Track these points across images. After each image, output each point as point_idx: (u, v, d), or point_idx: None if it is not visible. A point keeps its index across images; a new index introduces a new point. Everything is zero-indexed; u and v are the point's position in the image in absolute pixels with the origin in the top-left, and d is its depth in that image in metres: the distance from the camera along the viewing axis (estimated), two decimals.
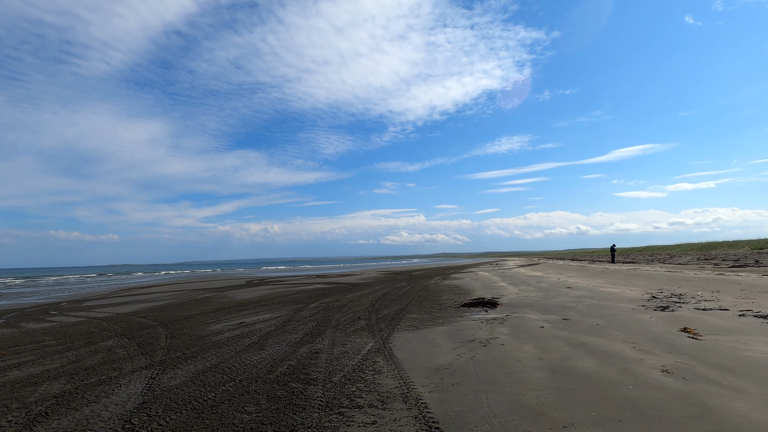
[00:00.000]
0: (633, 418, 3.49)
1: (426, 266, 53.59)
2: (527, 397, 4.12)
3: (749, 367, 4.64)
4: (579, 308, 9.92)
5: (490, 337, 7.03)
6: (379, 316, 10.01)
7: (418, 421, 3.66)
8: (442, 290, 16.63)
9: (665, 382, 4.37)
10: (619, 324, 7.60)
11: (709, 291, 11.30)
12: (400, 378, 4.94)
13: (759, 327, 6.65)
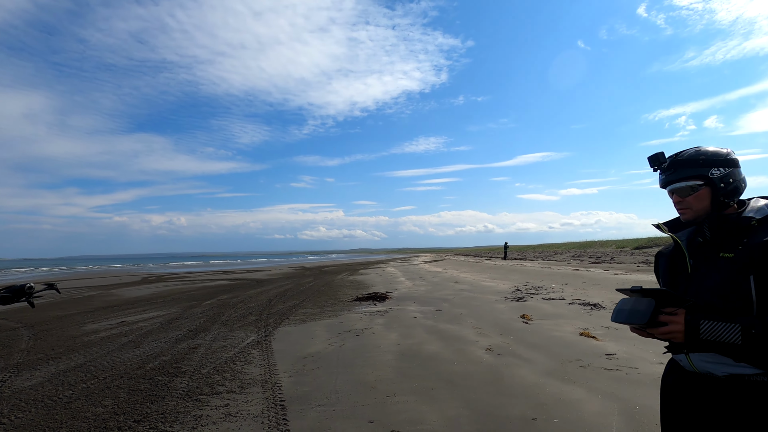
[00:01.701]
0: (443, 387, 4.37)
1: (340, 262, 54.19)
2: (370, 376, 4.84)
3: (548, 344, 5.90)
4: (454, 300, 11.21)
5: (365, 327, 7.78)
6: (272, 311, 10.31)
7: (268, 400, 4.17)
8: (344, 285, 17.29)
9: (483, 358, 5.41)
10: (478, 313, 8.85)
11: (559, 284, 13.43)
12: (267, 366, 5.40)
13: (578, 312, 8.27)
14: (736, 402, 1.36)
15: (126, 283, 22.25)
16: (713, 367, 1.41)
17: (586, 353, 5.34)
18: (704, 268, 1.46)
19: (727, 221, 1.45)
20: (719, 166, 1.49)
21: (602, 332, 6.42)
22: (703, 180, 1.49)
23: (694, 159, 1.51)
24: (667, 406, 1.60)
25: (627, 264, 20.40)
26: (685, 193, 1.52)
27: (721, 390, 1.39)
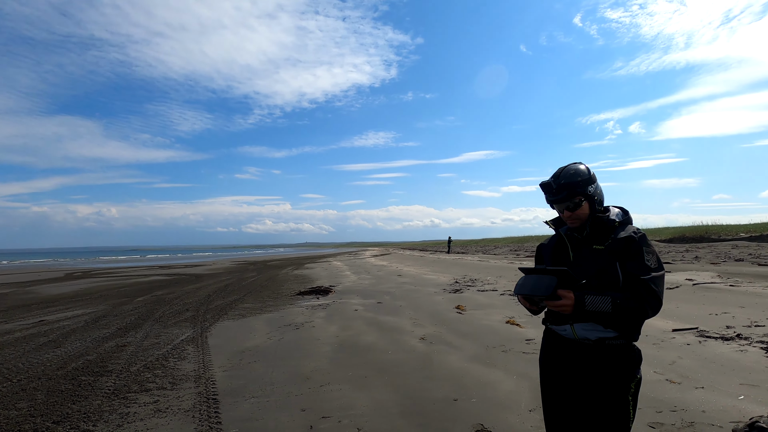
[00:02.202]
0: (375, 375, 4.59)
1: (286, 256, 53.23)
2: (306, 367, 4.96)
3: (476, 332, 6.34)
4: (396, 293, 11.55)
5: (306, 321, 7.85)
6: (211, 307, 10.04)
7: (200, 395, 4.15)
8: (288, 280, 17.12)
9: (417, 346, 5.71)
10: (416, 305, 9.23)
11: (495, 276, 14.27)
12: (202, 362, 5.33)
13: (507, 302, 8.89)
14: (600, 360, 1.81)
15: (46, 280, 20.44)
16: (589, 333, 1.83)
17: (509, 339, 5.82)
18: (583, 257, 1.90)
19: (601, 223, 1.90)
20: (591, 183, 1.91)
21: (525, 320, 6.99)
22: (584, 196, 1.89)
23: (576, 182, 1.88)
24: (547, 370, 1.99)
25: None
26: (573, 208, 1.90)
27: (591, 352, 1.83)
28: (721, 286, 8.79)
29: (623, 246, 1.81)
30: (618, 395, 1.77)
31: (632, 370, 1.79)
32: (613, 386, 1.77)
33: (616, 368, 1.78)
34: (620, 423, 1.76)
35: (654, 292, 1.73)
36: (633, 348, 1.83)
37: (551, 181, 1.93)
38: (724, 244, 21.73)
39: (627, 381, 1.78)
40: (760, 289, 8.18)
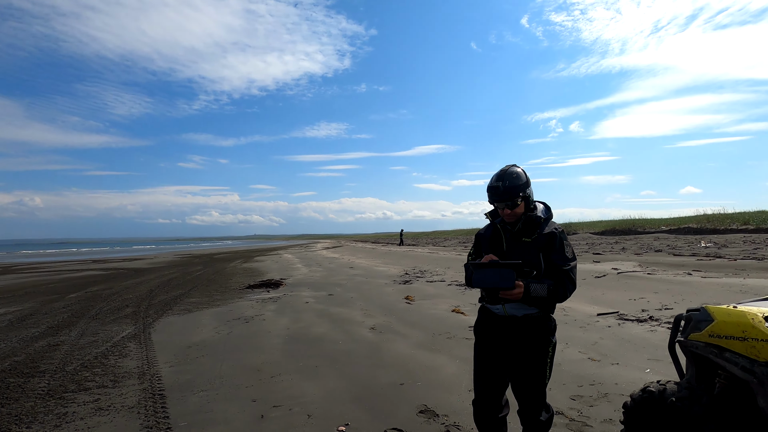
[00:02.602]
0: (326, 364, 4.71)
1: (234, 249, 51.53)
2: (256, 360, 4.98)
3: (424, 321, 6.64)
4: (347, 285, 11.69)
5: (256, 314, 7.79)
6: (153, 302, 9.63)
7: (145, 391, 4.07)
8: (237, 273, 16.70)
9: (366, 336, 5.90)
10: (367, 296, 9.42)
11: (443, 267, 14.83)
12: (146, 358, 5.17)
13: (454, 292, 9.33)
14: (525, 331, 2.21)
15: None
16: (517, 311, 2.21)
17: (454, 327, 6.16)
18: (514, 247, 2.25)
19: (531, 220, 2.24)
20: (528, 187, 2.26)
21: (470, 308, 7.40)
22: (521, 197, 2.22)
23: (517, 186, 2.20)
24: (480, 343, 2.37)
25: None
26: (512, 207, 2.22)
27: (518, 325, 2.22)
28: (641, 275, 9.78)
29: (547, 240, 2.20)
30: (539, 358, 2.20)
31: (549, 337, 2.23)
32: (536, 351, 2.20)
33: (538, 337, 2.21)
34: (541, 379, 2.21)
35: (572, 279, 2.17)
36: (550, 319, 2.26)
37: (499, 184, 2.20)
38: (647, 236, 23.91)
39: (546, 346, 2.21)
40: (672, 277, 9.21)
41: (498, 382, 2.27)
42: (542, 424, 2.25)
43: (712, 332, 1.89)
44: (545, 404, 2.28)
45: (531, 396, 2.22)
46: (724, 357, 1.82)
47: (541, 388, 2.22)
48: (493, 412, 2.28)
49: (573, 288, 2.16)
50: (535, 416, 2.24)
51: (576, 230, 32.04)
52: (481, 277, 2.06)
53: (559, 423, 3.07)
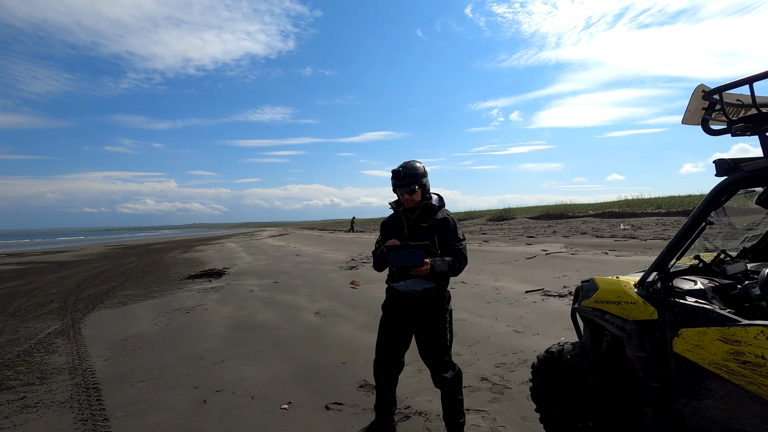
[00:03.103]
0: (270, 349, 4.80)
1: (172, 238, 48.88)
2: (199, 348, 4.95)
3: (367, 304, 6.88)
4: (293, 272, 11.67)
5: (197, 304, 7.62)
6: (82, 296, 9.06)
7: (78, 386, 3.93)
8: (175, 264, 16.00)
9: (311, 321, 6.03)
10: (313, 282, 9.51)
11: None
12: (77, 354, 4.95)
13: None
14: (425, 304, 2.56)
15: None
16: (417, 286, 2.54)
17: None
18: (414, 231, 2.59)
19: (427, 207, 2.60)
20: (425, 177, 2.60)
21: None
22: (419, 185, 2.56)
23: (416, 174, 2.53)
24: (385, 316, 2.70)
25: None
26: (412, 192, 2.55)
27: (418, 298, 2.56)
28: (566, 255, 10.72)
29: (441, 224, 2.58)
30: (439, 325, 2.55)
31: (445, 306, 2.58)
32: (435, 319, 2.55)
33: (436, 307, 2.56)
34: (443, 343, 2.55)
35: (464, 255, 2.58)
36: (445, 291, 2.62)
37: (400, 169, 2.54)
38: (577, 220, 25.91)
39: (443, 314, 2.57)
40: (592, 256, 10.20)
41: (396, 348, 2.65)
42: (449, 381, 2.55)
43: (597, 299, 2.25)
44: (451, 364, 2.58)
45: (436, 358, 2.54)
46: (605, 318, 2.18)
47: (443, 351, 2.55)
48: (390, 372, 2.68)
49: (465, 263, 2.57)
50: (442, 375, 2.54)
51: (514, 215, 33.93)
52: (395, 257, 2.34)
53: (484, 387, 3.43)
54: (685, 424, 1.84)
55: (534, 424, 2.71)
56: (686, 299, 1.85)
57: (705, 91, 1.78)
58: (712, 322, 1.71)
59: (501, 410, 3.03)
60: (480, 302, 6.42)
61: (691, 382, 1.78)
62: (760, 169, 1.62)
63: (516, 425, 2.81)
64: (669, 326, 1.87)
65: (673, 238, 1.92)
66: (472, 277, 8.87)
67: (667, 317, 1.88)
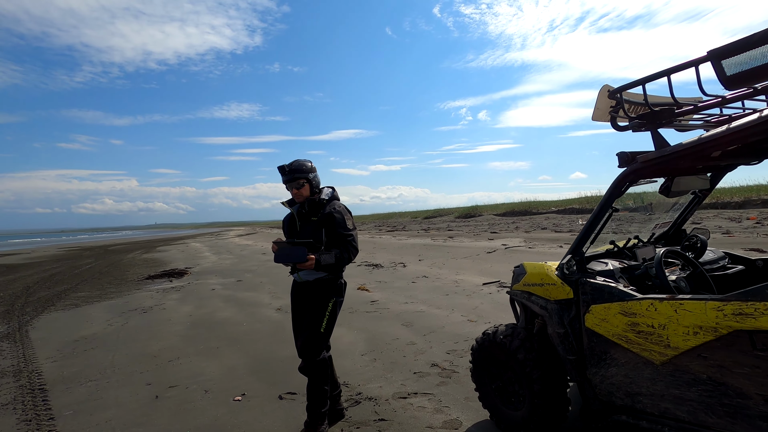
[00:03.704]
0: (227, 345, 4.80)
1: (133, 239, 47.02)
2: (154, 347, 4.88)
3: None
4: (258, 270, 11.56)
5: (156, 304, 7.45)
6: (31, 299, 8.66)
7: (22, 387, 3.81)
8: (135, 264, 15.47)
9: (272, 316, 6.05)
10: (277, 280, 9.47)
11: None
12: (23, 356, 4.77)
13: (362, 272, 9.77)
14: (315, 291, 2.68)
15: None
16: (308, 276, 2.68)
17: (358, 302, 6.56)
18: (305, 226, 2.72)
19: (314, 202, 2.72)
20: (312, 173, 2.72)
21: (375, 286, 7.88)
22: (306, 180, 2.69)
23: (301, 169, 2.67)
24: (292, 302, 2.86)
25: (412, 231, 24.37)
26: (299, 187, 2.68)
27: (311, 287, 2.69)
28: (524, 249, 11.16)
29: (329, 218, 2.67)
30: (319, 311, 2.65)
31: (332, 295, 2.69)
32: (318, 306, 2.67)
33: (323, 295, 2.68)
34: (315, 328, 2.64)
35: (354, 245, 2.69)
36: (336, 281, 2.72)
37: (285, 166, 2.67)
38: (540, 216, 26.83)
39: (327, 302, 2.67)
40: (548, 249, 10.67)
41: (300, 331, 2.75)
42: (307, 369, 2.64)
43: (525, 282, 2.44)
44: (314, 352, 2.62)
45: (304, 341, 2.64)
46: (531, 300, 2.37)
47: (313, 336, 2.62)
48: None
49: (355, 252, 2.69)
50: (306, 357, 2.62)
51: (481, 212, 34.74)
52: (280, 254, 2.52)
53: (433, 372, 3.59)
54: (596, 391, 2.04)
55: (475, 403, 2.89)
56: (596, 279, 2.06)
57: (609, 90, 1.99)
58: (614, 298, 1.91)
59: (447, 392, 3.19)
60: (439, 295, 6.63)
61: (600, 352, 1.99)
62: (651, 160, 1.83)
63: (459, 405, 2.98)
64: (582, 303, 2.07)
65: (584, 226, 2.12)
66: (434, 272, 9.10)
67: (580, 295, 2.08)
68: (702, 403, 1.65)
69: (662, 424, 1.78)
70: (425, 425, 2.74)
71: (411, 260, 11.41)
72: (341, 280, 2.76)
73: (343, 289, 2.78)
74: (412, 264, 10.64)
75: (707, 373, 1.61)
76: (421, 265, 10.42)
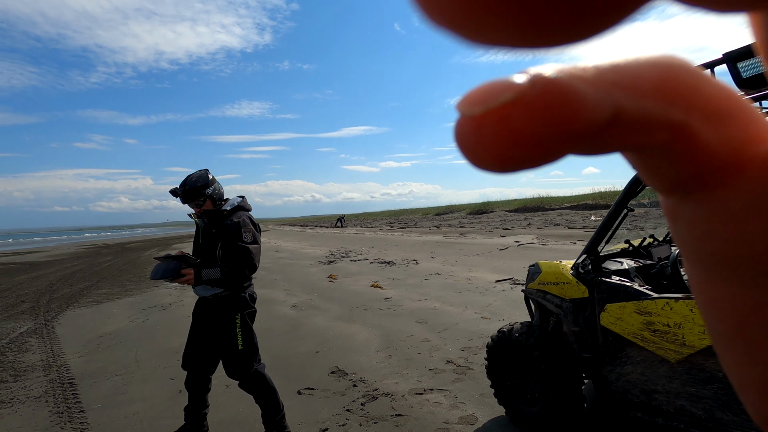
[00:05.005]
0: None
1: (149, 237, 47.91)
2: (175, 343, 5.01)
3: (344, 296, 7.05)
4: (272, 267, 11.73)
5: (174, 301, 7.63)
6: (55, 296, 8.93)
7: (52, 381, 3.98)
8: (153, 262, 15.73)
9: (288, 313, 6.16)
10: (292, 277, 9.62)
11: (368, 247, 15.39)
12: (51, 351, 4.96)
13: (375, 269, 9.86)
14: (215, 308, 2.60)
15: None
16: (205, 292, 2.59)
17: (371, 299, 6.65)
18: (207, 238, 2.62)
19: (214, 214, 2.60)
20: (209, 187, 2.58)
21: (388, 283, 7.95)
22: (205, 197, 2.57)
23: (197, 188, 2.54)
24: (192, 320, 2.78)
25: (423, 228, 24.39)
26: (200, 206, 2.59)
27: (210, 304, 2.62)
28: (537, 246, 11.11)
29: (226, 229, 2.53)
30: (229, 329, 2.56)
31: (236, 311, 2.57)
32: (225, 324, 2.57)
33: (225, 312, 2.57)
34: (233, 347, 2.55)
35: (249, 259, 2.49)
36: (238, 296, 2.59)
37: (178, 189, 2.58)
38: (552, 212, 26.62)
39: (232, 319, 2.56)
40: (561, 246, 10.61)
41: (198, 351, 2.71)
42: (246, 386, 2.60)
43: (540, 281, 2.47)
44: (243, 369, 2.57)
45: (226, 364, 2.60)
46: (546, 299, 2.41)
47: (233, 356, 2.56)
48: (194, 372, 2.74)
49: (252, 266, 2.51)
50: (237, 378, 2.59)
51: (493, 209, 34.62)
52: (156, 269, 2.47)
53: (448, 369, 3.65)
54: (611, 389, 2.08)
55: (491, 399, 2.93)
56: (611, 278, 2.08)
57: None
58: (630, 297, 1.94)
59: (462, 389, 3.25)
60: (452, 292, 6.67)
61: (615, 351, 2.02)
62: None
63: (474, 401, 3.03)
64: (597, 302, 2.10)
65: (599, 225, 2.15)
66: (446, 269, 9.14)
67: (595, 294, 2.11)
68: (718, 401, 1.67)
69: (678, 421, 1.81)
70: (441, 421, 2.80)
71: (423, 257, 11.45)
72: (245, 293, 2.62)
73: (249, 302, 2.63)
74: (425, 261, 10.69)
75: (723, 372, 1.64)
76: (434, 262, 10.46)
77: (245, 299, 2.61)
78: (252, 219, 2.62)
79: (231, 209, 2.59)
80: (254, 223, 2.62)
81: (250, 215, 2.65)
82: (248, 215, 2.63)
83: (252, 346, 2.61)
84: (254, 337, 2.64)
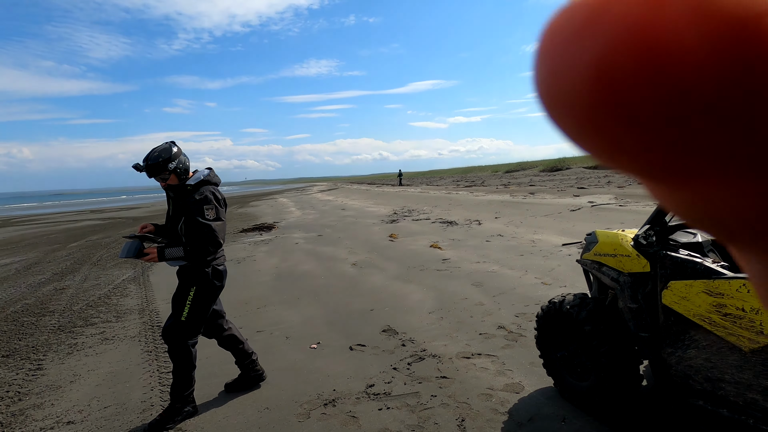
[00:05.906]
0: (307, 296, 5.23)
1: (230, 195, 51.91)
2: (246, 294, 5.50)
3: (403, 256, 7.13)
4: (337, 226, 12.16)
5: (248, 255, 8.28)
6: None
7: (144, 324, 4.59)
8: (231, 218, 17.13)
9: (347, 271, 6.40)
10: (354, 235, 9.91)
11: (431, 206, 15.27)
12: (145, 297, 5.69)
13: (436, 229, 9.80)
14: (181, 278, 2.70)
15: None
16: (174, 265, 2.70)
17: (429, 260, 6.65)
18: (176, 211, 2.65)
19: (178, 188, 2.62)
20: (173, 161, 2.57)
21: (447, 243, 7.88)
22: (169, 171, 2.58)
23: (159, 163, 2.54)
24: None
25: (491, 186, 23.53)
26: (164, 180, 2.61)
27: (179, 275, 2.73)
28: (614, 207, 10.22)
29: (190, 205, 2.55)
30: (181, 298, 2.65)
31: (193, 283, 2.65)
32: (180, 292, 2.67)
33: (185, 283, 2.68)
34: (177, 314, 2.64)
35: (213, 236, 2.54)
36: (201, 270, 2.66)
37: (141, 165, 2.59)
38: None
39: (187, 290, 2.64)
40: (641, 208, 9.65)
41: None
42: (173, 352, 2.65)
43: (596, 251, 2.26)
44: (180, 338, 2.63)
45: (166, 326, 2.67)
46: (602, 271, 2.21)
47: (174, 323, 2.63)
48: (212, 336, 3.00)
49: (215, 243, 2.55)
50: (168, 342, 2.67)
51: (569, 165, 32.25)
52: (123, 248, 2.53)
53: (499, 335, 3.59)
54: (670, 372, 1.89)
55: (540, 369, 2.84)
56: (678, 252, 1.84)
57: None
58: (698, 275, 1.71)
59: (511, 356, 3.18)
60: (514, 254, 6.44)
61: (677, 332, 1.82)
62: None
63: (523, 369, 2.96)
64: (660, 278, 1.88)
65: None
66: (510, 230, 8.81)
67: (658, 270, 1.89)
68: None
69: (747, 415, 1.61)
70: (486, 386, 2.78)
71: (487, 218, 11.12)
72: (209, 268, 2.68)
73: (210, 277, 2.69)
74: (488, 222, 10.38)
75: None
76: (498, 222, 10.12)
77: (206, 274, 2.66)
78: (216, 193, 2.63)
79: (195, 184, 2.60)
80: (218, 198, 2.64)
81: (215, 190, 2.66)
82: (213, 190, 2.63)
83: (195, 322, 2.67)
84: (203, 314, 2.69)
